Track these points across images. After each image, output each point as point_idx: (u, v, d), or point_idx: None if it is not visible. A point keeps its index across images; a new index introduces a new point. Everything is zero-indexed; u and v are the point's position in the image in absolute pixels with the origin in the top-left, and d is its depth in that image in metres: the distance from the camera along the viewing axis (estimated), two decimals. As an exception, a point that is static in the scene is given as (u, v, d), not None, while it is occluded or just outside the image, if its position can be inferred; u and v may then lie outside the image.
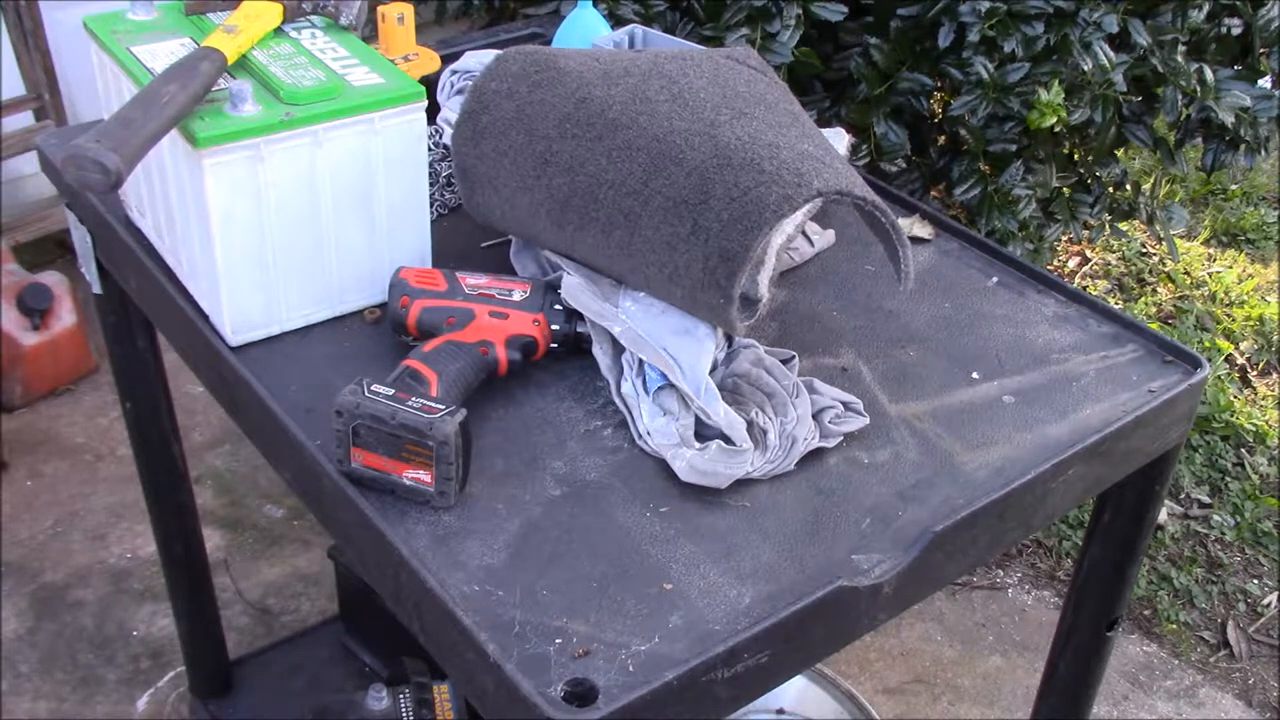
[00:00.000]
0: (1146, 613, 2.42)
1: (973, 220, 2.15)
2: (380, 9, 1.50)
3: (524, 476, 1.07)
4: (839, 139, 1.48)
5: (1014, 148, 2.05)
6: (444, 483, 1.01)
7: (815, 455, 1.11)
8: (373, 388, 1.03)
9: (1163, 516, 2.59)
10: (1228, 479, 2.72)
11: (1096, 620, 1.42)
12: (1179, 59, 2.00)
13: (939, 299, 1.34)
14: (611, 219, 1.15)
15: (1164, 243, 2.44)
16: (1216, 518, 2.62)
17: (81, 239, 1.47)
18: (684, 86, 1.20)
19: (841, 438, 1.12)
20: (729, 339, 1.19)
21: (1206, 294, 3.33)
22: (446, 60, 1.53)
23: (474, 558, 0.98)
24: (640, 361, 1.15)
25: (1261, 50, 2.15)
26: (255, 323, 1.20)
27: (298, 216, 1.17)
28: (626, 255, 1.16)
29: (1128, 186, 2.39)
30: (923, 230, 1.45)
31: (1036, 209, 2.19)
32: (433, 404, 1.02)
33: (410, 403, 1.01)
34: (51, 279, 2.74)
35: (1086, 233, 2.49)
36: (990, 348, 1.27)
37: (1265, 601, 2.45)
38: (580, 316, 1.18)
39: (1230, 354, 3.09)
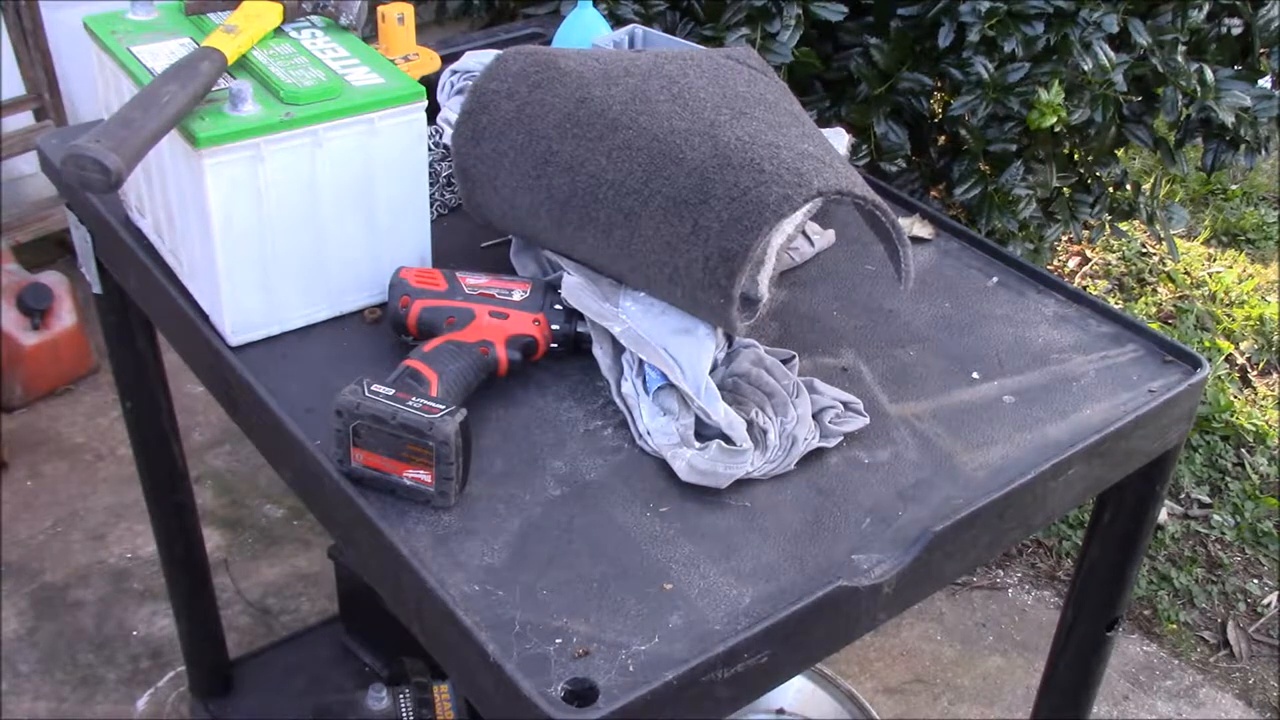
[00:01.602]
0: (1146, 613, 2.42)
1: (973, 220, 2.15)
2: (380, 9, 1.50)
3: (524, 476, 1.07)
4: (839, 139, 1.48)
5: (1014, 148, 2.05)
6: (444, 483, 1.01)
7: (815, 455, 1.11)
8: (373, 388, 1.03)
9: (1163, 516, 2.59)
10: (1228, 479, 2.72)
11: (1096, 620, 1.42)
12: (1179, 59, 2.00)
13: (939, 299, 1.34)
14: (611, 219, 1.15)
15: (1164, 243, 2.44)
16: (1216, 518, 2.62)
17: (81, 239, 1.47)
18: (684, 86, 1.20)
19: (841, 438, 1.13)
20: (729, 339, 1.19)
21: (1206, 294, 3.33)
22: (446, 60, 1.53)
23: (474, 558, 0.98)
24: (640, 361, 1.15)
25: (1261, 50, 2.15)
26: (255, 323, 1.20)
27: (298, 216, 1.17)
28: (626, 255, 1.16)
29: (1128, 186, 2.39)
30: (923, 230, 1.45)
31: (1036, 209, 2.19)
32: (433, 404, 1.02)
33: (410, 403, 1.01)
34: (51, 279, 2.74)
35: (1086, 233, 2.49)
36: (990, 348, 1.27)
37: (1265, 601, 2.45)
38: (580, 316, 1.18)
39: (1230, 354, 3.09)
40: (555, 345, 1.19)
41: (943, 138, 2.27)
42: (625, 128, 1.16)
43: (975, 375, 1.23)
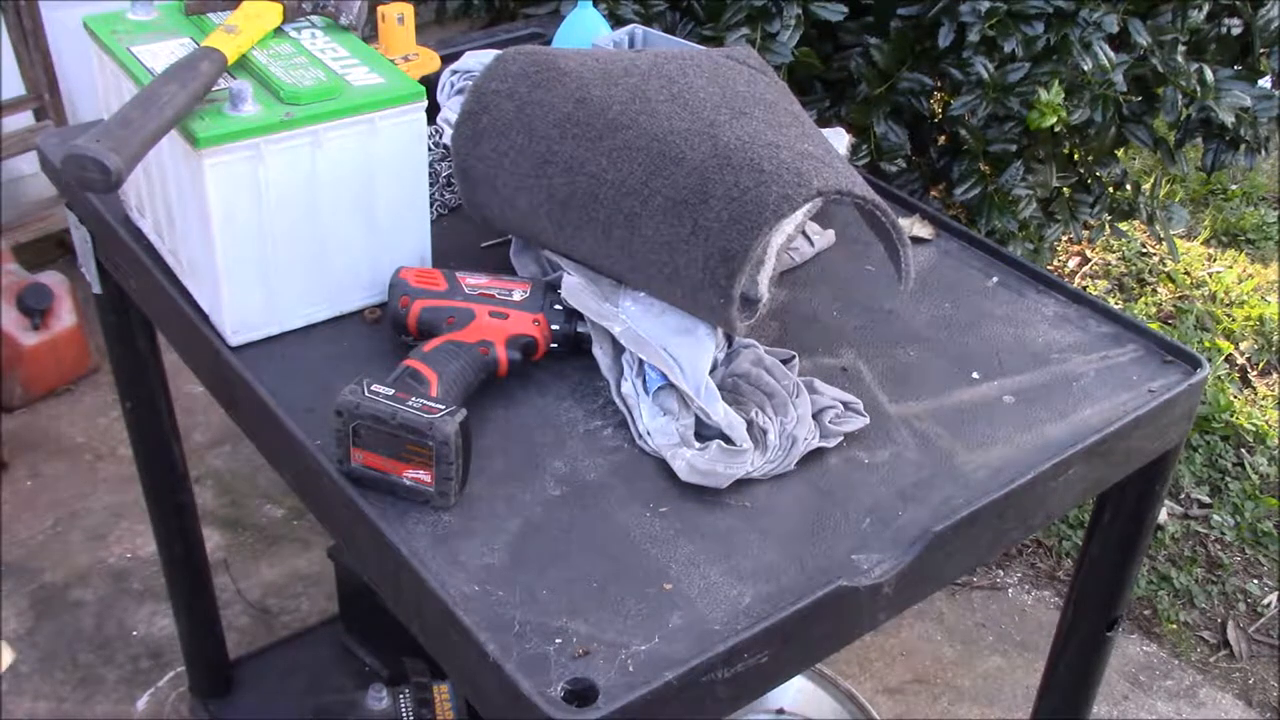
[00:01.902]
0: (1146, 613, 2.42)
1: (973, 220, 2.15)
2: (380, 9, 1.50)
3: (524, 476, 1.07)
4: (839, 139, 1.48)
5: (1014, 148, 2.05)
6: (444, 483, 1.01)
7: (815, 455, 1.11)
8: (373, 388, 1.03)
9: (1163, 516, 2.59)
10: (1228, 479, 2.72)
11: (1096, 620, 1.42)
12: (1179, 59, 2.00)
13: (939, 299, 1.34)
14: (611, 219, 1.15)
15: (1164, 243, 2.44)
16: (1216, 518, 2.62)
17: (81, 239, 1.47)
18: (684, 86, 1.20)
19: (841, 438, 1.12)
20: (729, 339, 1.19)
21: (1206, 294, 3.33)
22: (446, 60, 1.53)
23: (474, 558, 0.98)
24: (640, 361, 1.15)
25: (1261, 50, 2.15)
26: (255, 323, 1.20)
27: (298, 216, 1.17)
28: (626, 255, 1.16)
29: (1128, 186, 2.39)
30: (923, 230, 1.45)
31: (1036, 209, 2.19)
32: (433, 404, 1.02)
33: (410, 403, 1.01)
34: (51, 279, 2.74)
35: (1086, 233, 2.49)
36: (990, 348, 1.27)
37: (1265, 601, 2.45)
38: (580, 316, 1.18)
39: (1230, 354, 3.09)
40: (555, 345, 1.19)
41: (943, 138, 2.27)
42: (625, 128, 1.16)
43: (975, 375, 1.23)
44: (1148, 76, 2.07)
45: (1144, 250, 3.47)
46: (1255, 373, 3.06)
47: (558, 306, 1.19)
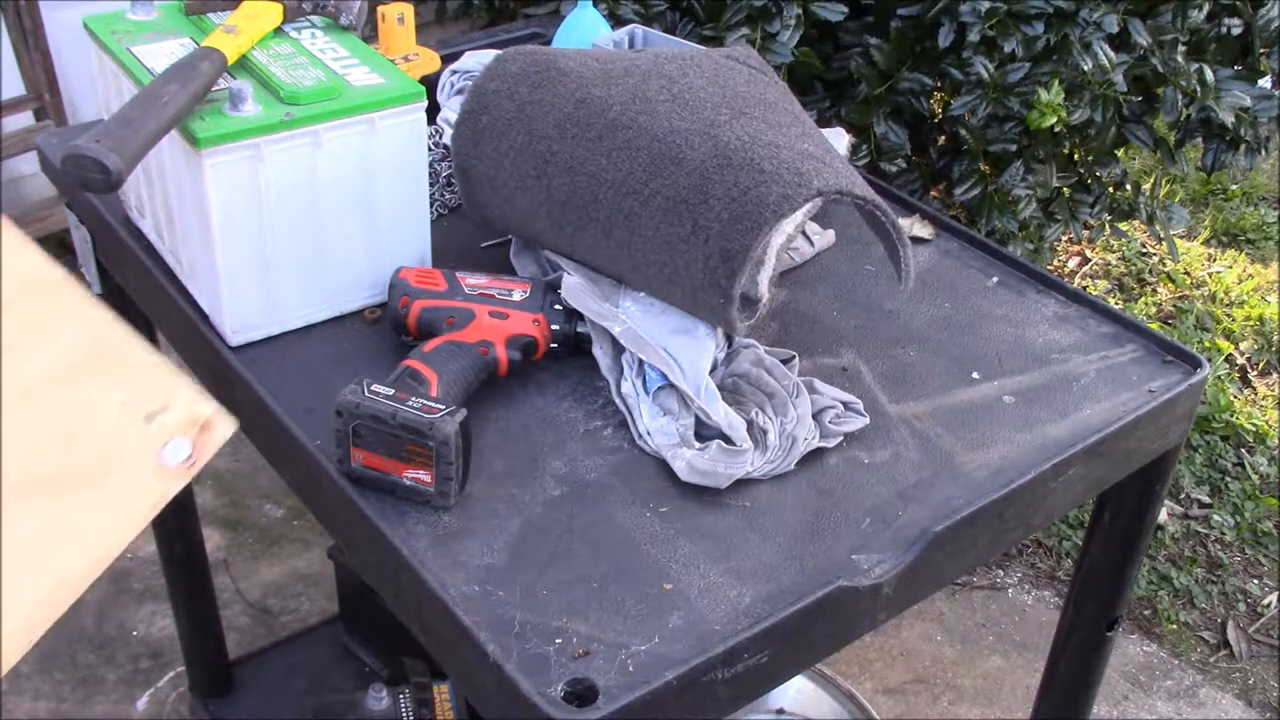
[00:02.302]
0: (1146, 613, 2.42)
1: (973, 220, 2.15)
2: (380, 9, 1.51)
3: (524, 476, 1.07)
4: (839, 139, 1.48)
5: (1014, 148, 2.05)
6: (444, 483, 1.01)
7: (815, 455, 1.11)
8: (373, 388, 1.03)
9: (1163, 516, 2.59)
10: (1228, 479, 2.72)
11: (1096, 620, 1.42)
12: (1179, 59, 2.00)
13: (939, 299, 1.34)
14: (611, 219, 1.15)
15: (1164, 243, 2.44)
16: (1216, 518, 2.62)
17: (81, 239, 1.47)
18: (684, 86, 1.20)
19: (841, 438, 1.12)
20: (729, 339, 1.19)
21: (1206, 294, 3.33)
22: (446, 60, 1.53)
23: (474, 558, 0.98)
24: (640, 361, 1.15)
25: (1261, 50, 2.15)
26: (255, 323, 1.20)
27: (298, 216, 1.17)
28: (626, 255, 1.16)
29: (1128, 186, 2.39)
30: (923, 230, 1.45)
31: (1036, 209, 2.19)
32: (433, 404, 1.02)
33: (410, 403, 1.01)
34: (51, 279, 2.74)
35: (1086, 233, 2.49)
36: (990, 348, 1.27)
37: (1265, 601, 2.45)
38: (580, 316, 1.18)
39: (1230, 354, 3.09)
40: (555, 345, 1.19)
41: (943, 138, 2.27)
42: (625, 128, 1.16)
43: (975, 375, 1.23)
44: (1148, 76, 2.07)
45: (1144, 250, 3.47)
46: (1255, 373, 3.06)
47: (558, 306, 1.19)
